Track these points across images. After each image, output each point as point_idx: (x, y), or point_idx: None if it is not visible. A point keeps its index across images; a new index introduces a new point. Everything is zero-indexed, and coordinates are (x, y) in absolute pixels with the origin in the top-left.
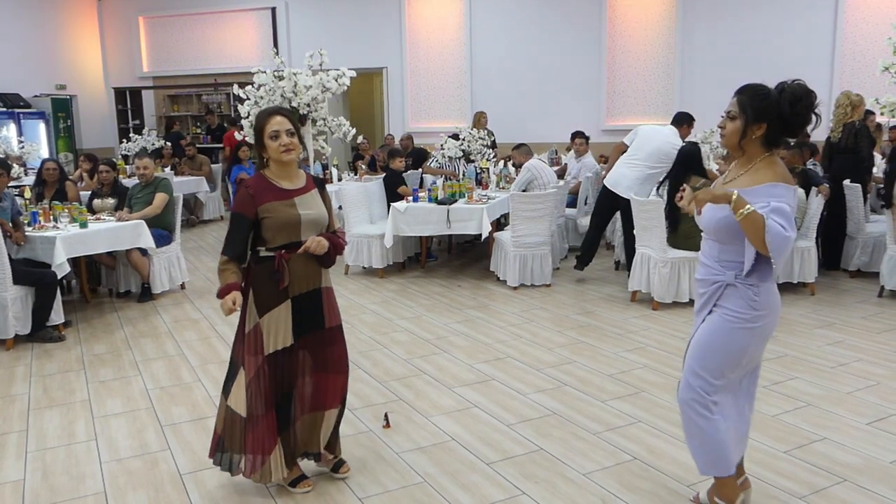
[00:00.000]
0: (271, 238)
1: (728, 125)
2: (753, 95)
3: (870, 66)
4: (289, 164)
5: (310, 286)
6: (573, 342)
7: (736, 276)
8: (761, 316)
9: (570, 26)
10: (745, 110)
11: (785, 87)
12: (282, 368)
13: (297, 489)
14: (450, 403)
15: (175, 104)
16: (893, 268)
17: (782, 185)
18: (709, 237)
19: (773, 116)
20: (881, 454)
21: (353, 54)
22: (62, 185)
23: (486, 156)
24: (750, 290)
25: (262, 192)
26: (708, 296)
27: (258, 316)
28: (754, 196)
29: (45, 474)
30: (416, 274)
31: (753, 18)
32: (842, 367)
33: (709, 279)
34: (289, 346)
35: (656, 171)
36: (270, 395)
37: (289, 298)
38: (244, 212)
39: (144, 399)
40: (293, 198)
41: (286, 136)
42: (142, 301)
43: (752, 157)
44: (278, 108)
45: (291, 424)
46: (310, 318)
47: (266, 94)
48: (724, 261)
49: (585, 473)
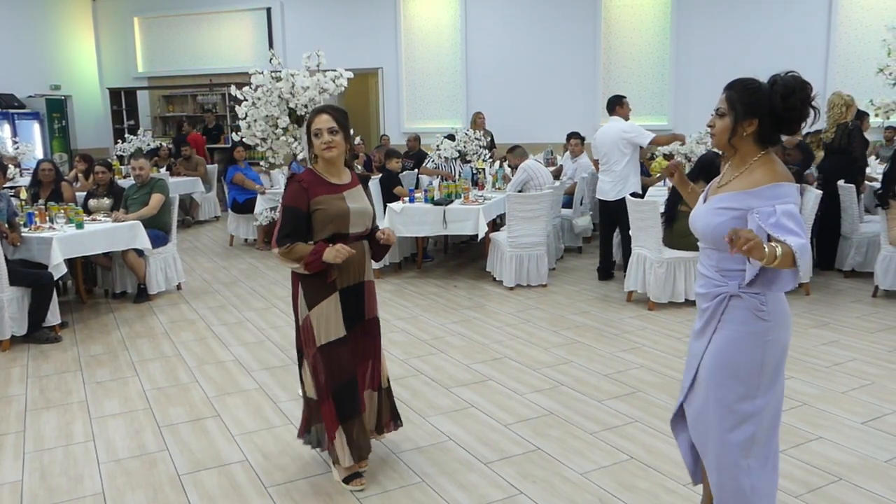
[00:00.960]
0: (321, 230)
1: (717, 123)
2: (743, 90)
3: (864, 67)
4: (334, 161)
5: (357, 279)
6: (569, 342)
7: (739, 286)
8: (772, 328)
9: (566, 27)
10: (735, 106)
11: (777, 79)
12: (338, 359)
13: (350, 486)
14: (447, 403)
15: (170, 105)
16: (887, 268)
17: (785, 184)
18: (707, 246)
19: (765, 111)
20: (876, 453)
21: (348, 54)
22: (58, 185)
23: (482, 156)
24: (756, 299)
25: (313, 186)
26: (711, 311)
27: (307, 309)
28: (757, 199)
29: (44, 475)
30: (412, 274)
31: (747, 19)
32: (837, 367)
33: (711, 292)
34: (342, 336)
35: (624, 161)
36: (327, 385)
37: (337, 291)
38: (298, 204)
39: (142, 400)
40: (342, 192)
41: (328, 134)
42: (138, 302)
43: (747, 157)
44: (325, 107)
45: (359, 414)
46: (355, 311)
47: (263, 94)
48: (724, 269)
49: (583, 473)
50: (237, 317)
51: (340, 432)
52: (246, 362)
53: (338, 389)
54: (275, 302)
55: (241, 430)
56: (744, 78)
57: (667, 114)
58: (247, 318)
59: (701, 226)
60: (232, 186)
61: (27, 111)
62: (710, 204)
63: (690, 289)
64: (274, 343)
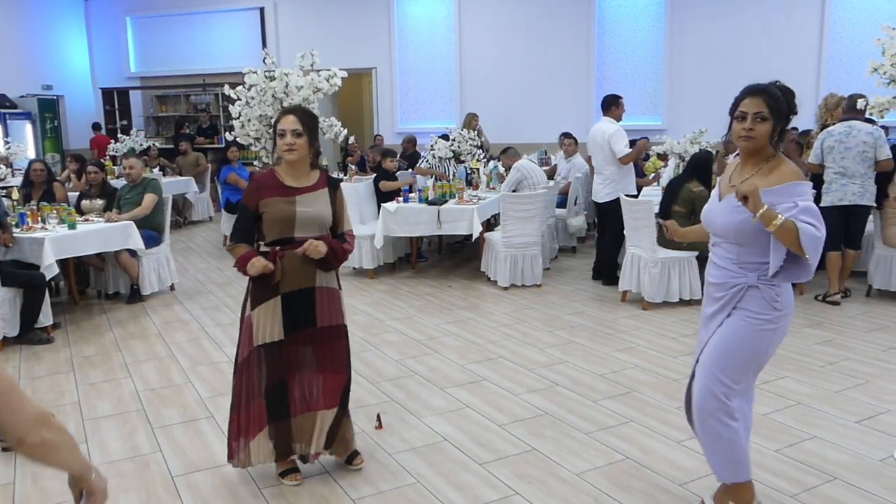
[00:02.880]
0: (267, 231)
1: (758, 127)
2: (779, 96)
3: (856, 67)
4: (296, 163)
5: (301, 284)
6: (564, 342)
7: (759, 278)
8: (783, 315)
9: (560, 26)
10: (775, 111)
11: (778, 85)
12: (272, 361)
13: (286, 480)
14: (442, 404)
15: (163, 105)
16: (881, 267)
17: (803, 183)
18: (726, 241)
19: (785, 115)
20: (871, 452)
21: (342, 54)
22: (50, 185)
23: (476, 156)
24: (773, 290)
25: (266, 187)
26: (727, 299)
27: (251, 308)
28: (779, 196)
29: (36, 477)
30: (406, 275)
31: (741, 19)
32: (831, 366)
33: (728, 282)
34: (277, 340)
35: (611, 164)
36: (257, 384)
37: (279, 295)
38: (248, 203)
39: (135, 401)
40: (295, 195)
41: (291, 135)
42: (131, 302)
43: (764, 156)
44: (293, 108)
45: (287, 418)
46: (302, 316)
47: (257, 94)
48: (744, 263)
49: (578, 473)
50: (231, 317)
51: (266, 433)
52: None
53: (270, 391)
54: None
55: None
56: (769, 85)
57: (660, 114)
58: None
59: (721, 223)
60: (225, 186)
61: (19, 111)
62: (727, 202)
63: (685, 288)
64: None
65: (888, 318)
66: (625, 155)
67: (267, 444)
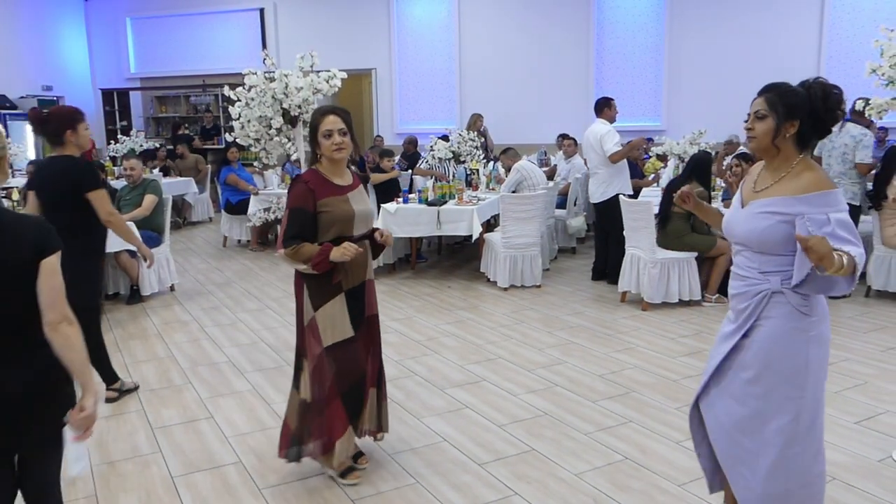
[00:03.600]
0: (325, 232)
1: (757, 126)
2: (784, 92)
3: (856, 68)
4: (340, 162)
5: (361, 278)
6: (564, 343)
7: (782, 283)
8: (815, 322)
9: (559, 28)
10: (776, 108)
11: (811, 83)
12: (346, 359)
13: (346, 480)
14: (441, 404)
15: (163, 105)
16: (880, 268)
17: (834, 191)
18: (748, 249)
19: (806, 113)
20: (869, 452)
21: (341, 56)
22: None
23: (475, 157)
24: (798, 295)
25: (320, 188)
26: (751, 309)
27: (313, 310)
28: (808, 205)
29: None
30: (406, 275)
31: (740, 20)
32: (830, 367)
33: (750, 290)
34: (349, 337)
35: (605, 167)
36: (335, 386)
37: (343, 292)
38: (305, 206)
39: (135, 401)
40: (346, 194)
41: (339, 135)
42: (131, 303)
43: (787, 160)
44: (333, 108)
45: (363, 410)
46: (360, 310)
47: (257, 95)
48: (767, 271)
49: (577, 473)
50: (230, 318)
51: (349, 433)
52: (239, 363)
53: (349, 389)
54: (268, 303)
55: (234, 431)
56: (779, 82)
57: (660, 115)
58: (240, 320)
59: (744, 231)
60: (225, 187)
61: (19, 112)
62: (750, 209)
63: (684, 289)
64: (267, 344)
65: (887, 319)
66: (613, 153)
67: (352, 441)
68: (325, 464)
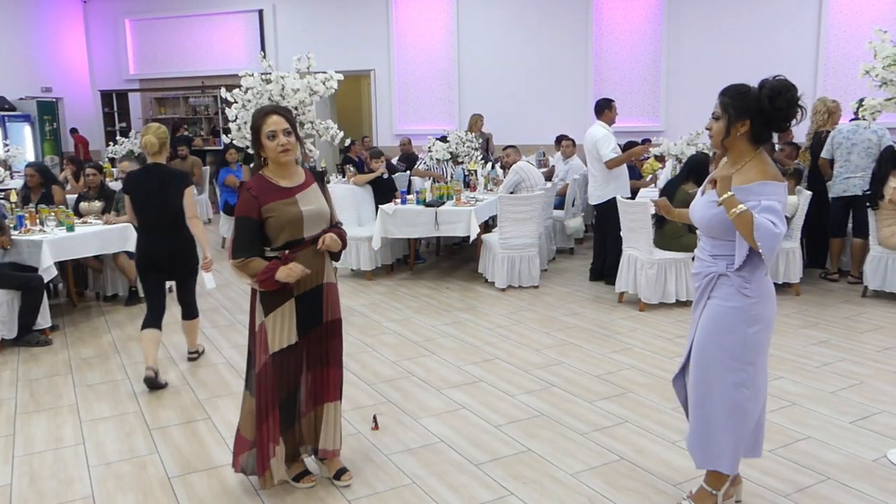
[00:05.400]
0: (275, 237)
1: (714, 126)
2: (734, 94)
3: (854, 69)
4: (287, 164)
5: (313, 283)
6: (561, 343)
7: (727, 267)
8: (754, 303)
9: (558, 28)
10: (728, 109)
11: (765, 83)
12: (287, 366)
13: (301, 484)
14: (438, 405)
15: (162, 107)
16: (877, 268)
17: (772, 182)
18: (703, 234)
19: (755, 113)
20: (864, 452)
21: (340, 57)
22: (48, 188)
23: (474, 158)
24: (740, 278)
25: (264, 193)
26: (702, 288)
27: (263, 315)
28: (746, 194)
29: (33, 479)
30: (404, 276)
31: (739, 21)
32: (826, 367)
33: (703, 272)
34: (293, 343)
35: (602, 170)
36: (274, 393)
37: (293, 297)
38: (249, 214)
39: (132, 402)
40: (294, 195)
41: (283, 135)
42: (129, 304)
43: (742, 156)
44: (274, 108)
45: (297, 421)
46: (311, 315)
47: (254, 97)
48: (716, 255)
49: (573, 474)
50: (228, 319)
51: (280, 445)
52: (237, 364)
53: (285, 400)
54: None
55: (231, 432)
56: (736, 84)
57: (658, 116)
58: (238, 321)
59: (698, 216)
60: (224, 188)
61: (18, 114)
62: (706, 197)
63: (681, 290)
64: None
65: (884, 319)
66: (610, 160)
67: (281, 454)
68: (262, 486)
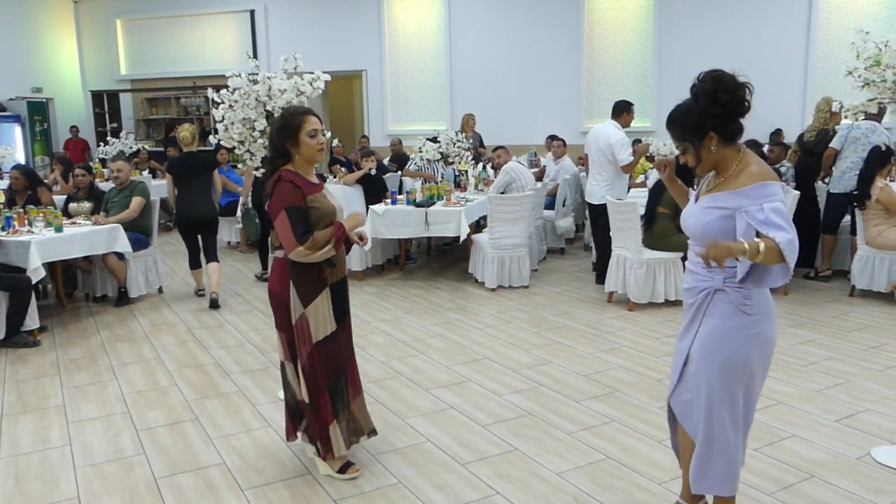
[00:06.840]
0: (315, 228)
1: (689, 159)
2: (680, 121)
3: (842, 69)
4: (313, 164)
5: (343, 273)
6: (549, 343)
7: (725, 281)
8: (755, 321)
9: (549, 29)
10: (686, 137)
11: (695, 89)
12: (332, 354)
13: (346, 475)
14: (426, 405)
15: (153, 107)
16: (864, 268)
17: (769, 183)
18: (696, 244)
19: (710, 121)
20: (848, 450)
21: (332, 57)
22: (34, 190)
23: (464, 158)
24: (739, 293)
25: (303, 186)
26: (696, 306)
27: (302, 307)
28: (745, 198)
29: (18, 480)
30: (394, 276)
31: (729, 22)
32: (812, 366)
33: (697, 286)
34: (334, 330)
35: (612, 168)
36: (323, 381)
37: (328, 286)
38: (298, 203)
39: (120, 403)
40: (322, 191)
41: (322, 135)
42: (118, 305)
43: (728, 161)
44: (309, 109)
45: (347, 407)
46: (343, 304)
47: (241, 97)
48: (712, 267)
49: (559, 473)
50: (218, 320)
51: (335, 426)
52: (226, 365)
53: (333, 384)
54: (256, 304)
55: (219, 433)
56: (671, 110)
57: (650, 116)
58: (227, 321)
59: (691, 224)
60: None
61: (8, 114)
62: (700, 204)
63: (670, 289)
64: (254, 346)
65: (870, 318)
66: (628, 164)
67: (339, 437)
68: (324, 468)
